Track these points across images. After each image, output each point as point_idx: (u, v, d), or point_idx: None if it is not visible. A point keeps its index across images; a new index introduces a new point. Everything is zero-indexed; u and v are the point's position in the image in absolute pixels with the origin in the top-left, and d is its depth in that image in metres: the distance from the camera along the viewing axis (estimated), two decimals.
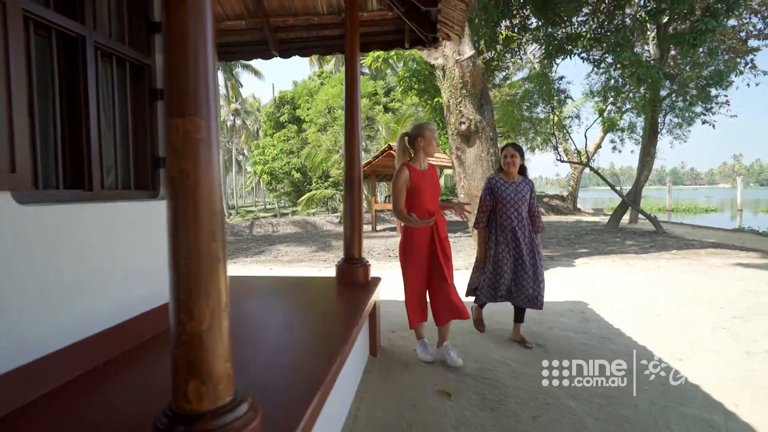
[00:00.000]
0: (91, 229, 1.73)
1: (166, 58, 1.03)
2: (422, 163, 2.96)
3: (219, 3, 3.64)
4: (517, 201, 3.28)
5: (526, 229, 3.32)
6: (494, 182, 3.38)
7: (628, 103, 12.21)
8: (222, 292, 1.09)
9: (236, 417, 1.07)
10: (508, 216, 3.29)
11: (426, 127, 2.92)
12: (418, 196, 2.88)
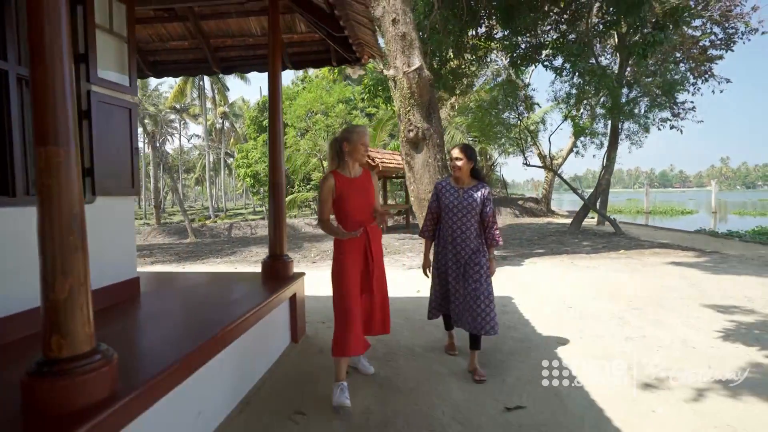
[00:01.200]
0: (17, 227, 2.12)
1: (32, 106, 1.42)
2: (351, 170, 2.69)
3: (163, 26, 4.04)
4: (462, 209, 2.91)
5: (470, 242, 2.92)
6: (440, 187, 3.06)
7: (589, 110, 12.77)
8: (81, 272, 1.48)
9: (90, 362, 1.47)
10: (449, 226, 2.96)
11: (353, 131, 2.67)
12: (344, 206, 2.62)
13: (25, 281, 2.19)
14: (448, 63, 11.31)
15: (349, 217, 2.65)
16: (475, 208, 2.92)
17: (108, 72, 2.76)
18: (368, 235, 2.68)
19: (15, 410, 1.43)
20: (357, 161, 2.70)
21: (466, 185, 3.00)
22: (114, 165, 2.78)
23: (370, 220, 2.69)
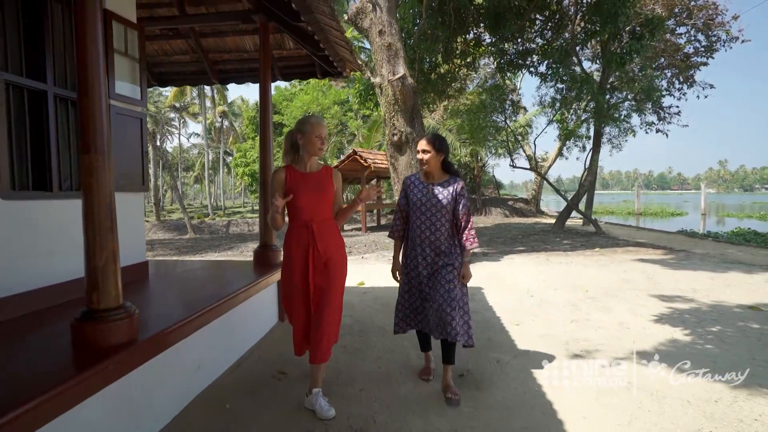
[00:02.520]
0: (53, 215, 2.65)
1: (80, 124, 1.95)
2: (308, 165, 2.45)
3: (168, 43, 4.57)
4: (431, 207, 2.61)
5: (441, 244, 2.63)
6: (408, 182, 2.76)
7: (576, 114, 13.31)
8: (113, 247, 2.01)
9: (118, 313, 2.00)
10: (418, 225, 2.65)
11: (307, 122, 2.43)
12: (294, 203, 2.39)
13: (60, 258, 2.73)
14: (438, 68, 11.85)
15: (297, 215, 2.43)
16: (446, 206, 2.59)
17: (123, 87, 3.29)
18: (314, 234, 2.39)
19: (67, 344, 1.96)
20: (313, 155, 2.44)
21: (436, 180, 2.66)
22: (127, 166, 3.30)
23: (322, 220, 2.43)
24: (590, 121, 12.74)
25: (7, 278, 2.39)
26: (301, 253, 2.43)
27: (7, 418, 1.37)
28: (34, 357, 1.94)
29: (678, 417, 2.42)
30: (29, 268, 2.52)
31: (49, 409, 1.54)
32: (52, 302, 2.63)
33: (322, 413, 2.39)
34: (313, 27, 3.30)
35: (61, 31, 2.87)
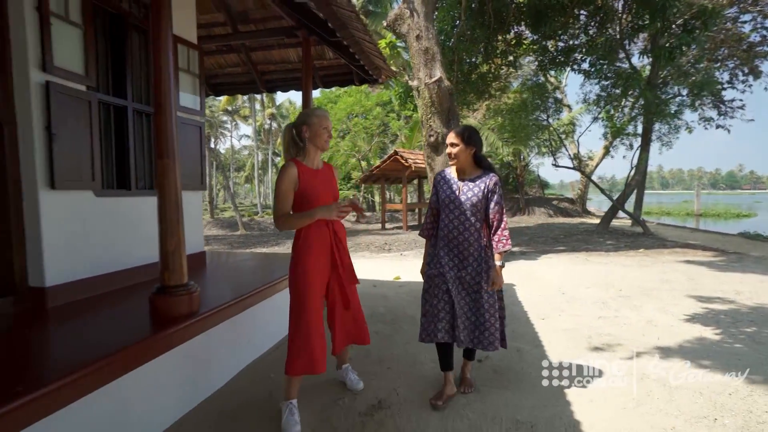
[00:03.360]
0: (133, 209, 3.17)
1: (155, 134, 2.40)
2: (314, 161, 2.34)
3: (222, 57, 5.11)
4: (460, 204, 2.43)
5: (470, 245, 2.43)
6: (439, 179, 2.57)
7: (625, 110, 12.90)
8: (180, 235, 2.44)
9: (183, 289, 2.43)
10: (446, 224, 2.47)
11: (313, 114, 2.31)
12: (310, 200, 2.24)
13: (137, 246, 3.25)
14: (478, 68, 11.92)
15: None
16: (476, 204, 2.40)
17: (186, 100, 3.80)
18: (335, 232, 2.34)
19: (146, 313, 2.42)
20: (320, 148, 2.32)
21: (467, 176, 2.48)
22: (189, 168, 3.81)
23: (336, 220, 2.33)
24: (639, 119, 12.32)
25: (99, 260, 2.92)
26: (323, 254, 2.28)
27: (108, 360, 1.80)
28: (122, 321, 2.42)
29: (685, 405, 2.53)
30: (114, 252, 3.04)
31: (135, 359, 1.98)
32: (131, 282, 3.14)
33: (351, 385, 2.66)
34: (348, 41, 3.65)
35: (138, 55, 3.40)
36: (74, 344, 2.07)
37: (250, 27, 4.62)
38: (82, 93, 2.76)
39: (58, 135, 2.55)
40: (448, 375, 2.60)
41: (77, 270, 2.76)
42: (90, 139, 2.81)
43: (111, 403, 1.87)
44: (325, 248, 2.30)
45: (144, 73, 3.46)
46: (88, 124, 2.79)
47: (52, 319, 2.42)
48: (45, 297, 2.55)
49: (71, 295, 2.70)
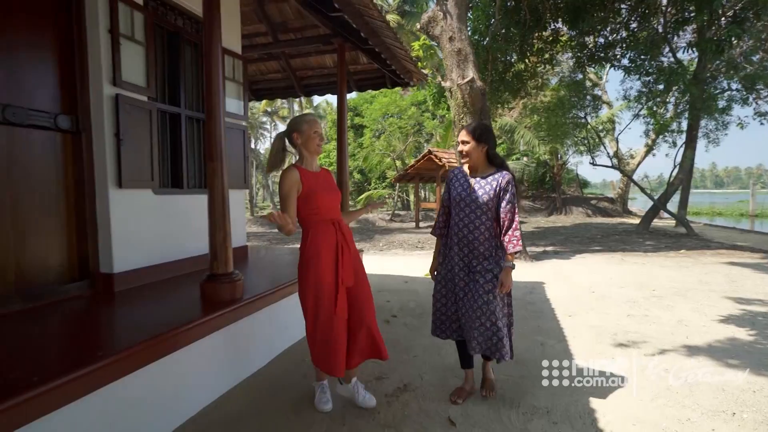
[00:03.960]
0: (185, 206, 3.53)
1: (206, 139, 2.71)
2: (312, 164, 2.36)
3: (264, 64, 5.46)
4: (471, 202, 2.38)
5: (480, 245, 2.39)
6: (451, 176, 2.54)
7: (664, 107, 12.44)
8: (228, 230, 2.74)
9: (229, 278, 2.73)
10: (456, 223, 2.44)
11: (302, 120, 2.33)
12: (316, 202, 2.27)
13: (188, 239, 3.61)
14: (513, 67, 11.84)
15: (321, 215, 2.29)
16: (487, 202, 2.35)
17: (231, 106, 4.14)
18: (343, 233, 2.34)
19: (197, 297, 2.74)
20: (314, 153, 2.35)
21: (480, 173, 2.43)
22: (234, 168, 4.14)
23: (341, 219, 2.38)
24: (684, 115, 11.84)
25: (157, 251, 3.29)
26: (331, 256, 2.27)
27: (170, 334, 2.11)
28: (177, 304, 2.74)
29: (705, 399, 2.58)
30: (169, 244, 3.40)
31: (187, 337, 2.27)
32: (182, 271, 3.51)
33: (362, 402, 2.44)
34: (379, 48, 3.88)
35: (190, 66, 3.77)
36: (137, 322, 2.41)
37: (290, 36, 4.94)
38: (144, 103, 3.12)
39: (124, 141, 2.92)
40: (468, 372, 2.60)
41: (139, 259, 3.14)
42: (150, 144, 3.18)
43: (167, 375, 2.17)
44: (332, 249, 2.28)
45: (195, 82, 3.82)
46: (148, 131, 3.16)
47: (119, 301, 2.78)
48: (113, 282, 2.93)
49: (134, 281, 3.07)
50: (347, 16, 3.17)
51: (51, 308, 2.57)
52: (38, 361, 1.82)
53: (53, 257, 2.77)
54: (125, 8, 2.93)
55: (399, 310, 4.55)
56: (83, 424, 1.70)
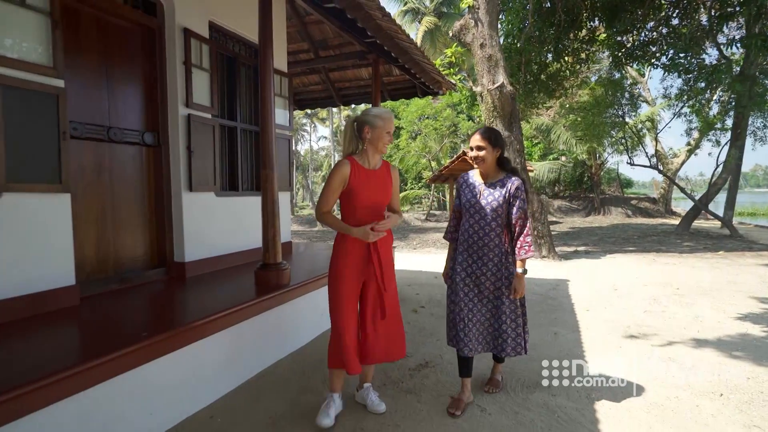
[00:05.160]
0: (240, 206, 4.12)
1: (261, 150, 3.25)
2: (371, 161, 2.25)
3: (306, 77, 6.04)
4: (480, 209, 2.38)
5: (491, 251, 2.38)
6: (461, 182, 2.54)
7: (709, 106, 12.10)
8: (277, 227, 3.27)
9: (279, 267, 3.26)
10: (467, 228, 2.44)
11: (379, 116, 2.22)
12: (352, 203, 2.20)
13: (243, 234, 4.20)
14: (548, 68, 11.92)
15: (356, 217, 2.21)
16: (497, 208, 2.35)
17: (279, 117, 4.71)
18: (376, 241, 2.22)
19: (252, 283, 3.29)
20: (380, 152, 2.26)
21: (489, 179, 2.42)
22: (281, 173, 4.71)
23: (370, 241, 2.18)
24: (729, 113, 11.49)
25: (218, 244, 3.89)
26: (357, 262, 2.23)
27: (233, 309, 2.65)
28: (236, 288, 3.31)
29: (698, 383, 2.83)
30: (228, 239, 4.00)
31: (248, 312, 2.81)
32: (238, 262, 4.11)
33: (372, 407, 2.41)
34: (409, 64, 4.33)
35: (244, 85, 4.36)
36: (206, 301, 2.98)
37: (329, 52, 5.48)
38: (209, 120, 3.73)
39: (194, 152, 3.53)
40: (465, 382, 2.51)
41: (204, 251, 3.75)
42: (213, 154, 3.78)
43: (232, 342, 2.71)
44: (362, 252, 2.22)
45: (248, 99, 4.42)
46: (212, 143, 3.76)
47: (190, 285, 3.38)
48: (185, 269, 3.54)
49: (201, 269, 3.68)
50: (379, 40, 3.64)
51: (139, 288, 3.20)
52: (141, 324, 2.40)
53: (139, 248, 3.42)
54: (196, 42, 3.54)
55: (427, 302, 4.97)
56: (175, 372, 2.26)
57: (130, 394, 1.99)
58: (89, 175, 3.00)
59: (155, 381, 2.13)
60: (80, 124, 2.89)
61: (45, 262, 2.50)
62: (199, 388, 2.41)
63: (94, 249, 3.04)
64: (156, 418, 2.13)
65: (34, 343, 2.06)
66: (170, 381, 2.22)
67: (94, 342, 2.17)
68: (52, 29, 2.46)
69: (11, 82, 2.26)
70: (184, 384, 2.30)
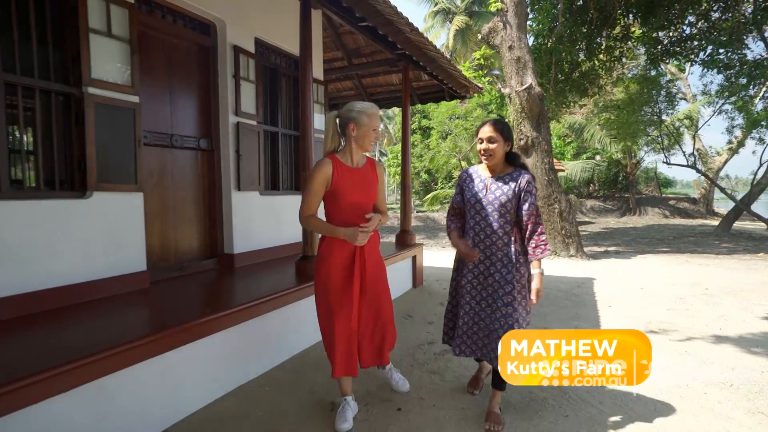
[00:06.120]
0: (281, 204, 4.53)
1: (301, 152, 3.62)
2: (354, 158, 2.15)
3: (340, 83, 6.42)
4: (487, 205, 2.23)
5: (499, 251, 2.22)
6: (464, 177, 2.38)
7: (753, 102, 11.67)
8: None
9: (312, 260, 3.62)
10: (472, 226, 2.29)
11: (364, 112, 2.10)
12: (338, 203, 2.13)
13: (281, 230, 4.61)
14: (579, 67, 11.84)
15: (341, 217, 2.14)
16: (505, 204, 2.19)
17: (317, 123, 5.08)
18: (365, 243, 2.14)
19: (293, 273, 3.67)
20: (364, 150, 2.17)
21: (497, 173, 2.27)
22: None
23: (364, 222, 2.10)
24: None
25: (262, 238, 4.31)
26: (343, 264, 2.14)
27: (278, 294, 3.03)
28: (279, 277, 3.70)
29: (711, 374, 2.97)
30: (270, 233, 4.42)
31: (291, 298, 3.18)
32: (279, 255, 4.51)
33: (396, 386, 2.58)
34: (436, 71, 4.61)
35: (284, 94, 4.77)
36: (254, 287, 3.37)
37: (362, 60, 5.84)
38: (254, 126, 4.15)
39: (242, 155, 3.95)
40: (483, 363, 2.65)
41: (251, 244, 4.17)
42: (258, 156, 4.20)
43: (277, 323, 3.08)
44: (345, 257, 2.13)
45: (288, 106, 4.82)
46: (257, 147, 4.18)
47: (239, 273, 3.79)
48: (233, 260, 3.97)
49: (247, 260, 4.10)
50: (408, 51, 3.94)
51: (195, 276, 3.64)
52: (202, 304, 2.81)
53: (195, 241, 3.87)
54: (244, 58, 3.96)
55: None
56: (230, 346, 2.64)
57: (198, 360, 2.39)
58: (155, 176, 3.46)
59: (215, 352, 2.52)
60: (149, 132, 3.35)
61: (124, 251, 2.96)
62: (250, 361, 2.80)
63: (159, 241, 3.50)
64: (217, 383, 2.53)
65: (124, 315, 2.50)
66: (227, 353, 2.61)
67: (169, 316, 2.59)
68: (131, 54, 2.91)
69: (102, 101, 2.72)
70: (237, 357, 2.69)
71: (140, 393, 2.07)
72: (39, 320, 2.37)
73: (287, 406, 2.52)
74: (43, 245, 2.53)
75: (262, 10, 4.26)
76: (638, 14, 10.88)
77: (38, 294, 2.50)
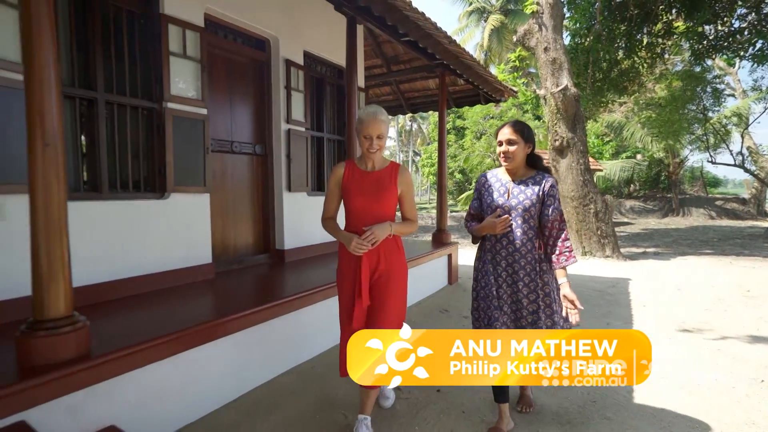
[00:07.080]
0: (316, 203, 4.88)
1: (346, 154, 3.94)
2: (368, 162, 2.12)
3: (379, 89, 6.73)
4: (509, 210, 2.13)
5: (522, 258, 2.11)
6: (482, 182, 2.28)
7: None
8: None
9: None
10: (493, 235, 2.17)
11: (360, 117, 2.08)
12: (346, 206, 2.14)
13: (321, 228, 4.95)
14: (619, 65, 11.63)
15: (349, 221, 2.13)
16: (528, 209, 2.10)
17: None
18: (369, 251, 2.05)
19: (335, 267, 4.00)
20: (364, 154, 2.11)
21: (518, 177, 2.18)
22: None
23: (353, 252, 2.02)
24: None
25: (309, 236, 4.67)
26: (350, 267, 2.11)
27: (326, 287, 3.35)
28: (323, 271, 4.03)
29: (744, 370, 3.05)
30: (315, 231, 4.77)
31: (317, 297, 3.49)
32: (323, 252, 4.86)
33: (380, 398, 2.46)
34: (472, 78, 4.83)
35: (329, 102, 5.12)
36: (302, 281, 3.71)
37: (400, 66, 6.13)
38: (303, 132, 4.51)
39: (292, 159, 4.32)
40: (502, 408, 2.27)
41: (299, 240, 4.54)
42: (306, 160, 4.56)
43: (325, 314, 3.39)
44: (352, 260, 2.10)
45: (332, 113, 5.17)
46: (305, 151, 4.54)
47: (288, 267, 4.16)
48: (284, 255, 4.34)
49: (296, 255, 4.47)
50: (446, 60, 4.19)
51: (251, 269, 4.04)
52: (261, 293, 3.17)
53: (250, 237, 4.27)
54: (294, 70, 4.33)
55: None
56: (287, 331, 2.99)
57: (259, 342, 2.74)
58: (218, 179, 3.87)
59: (274, 336, 2.87)
60: (214, 140, 3.77)
61: (195, 244, 3.38)
62: (304, 345, 3.14)
63: (220, 237, 3.91)
64: (275, 364, 2.87)
65: (200, 299, 2.89)
66: (284, 337, 2.95)
67: (236, 302, 2.97)
68: (201, 72, 3.32)
69: (178, 114, 3.14)
70: (292, 341, 3.03)
71: (219, 365, 2.43)
72: (134, 302, 2.80)
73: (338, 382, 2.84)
74: (134, 239, 2.98)
75: (310, 26, 4.62)
76: (682, 9, 10.59)
77: (132, 279, 2.95)
